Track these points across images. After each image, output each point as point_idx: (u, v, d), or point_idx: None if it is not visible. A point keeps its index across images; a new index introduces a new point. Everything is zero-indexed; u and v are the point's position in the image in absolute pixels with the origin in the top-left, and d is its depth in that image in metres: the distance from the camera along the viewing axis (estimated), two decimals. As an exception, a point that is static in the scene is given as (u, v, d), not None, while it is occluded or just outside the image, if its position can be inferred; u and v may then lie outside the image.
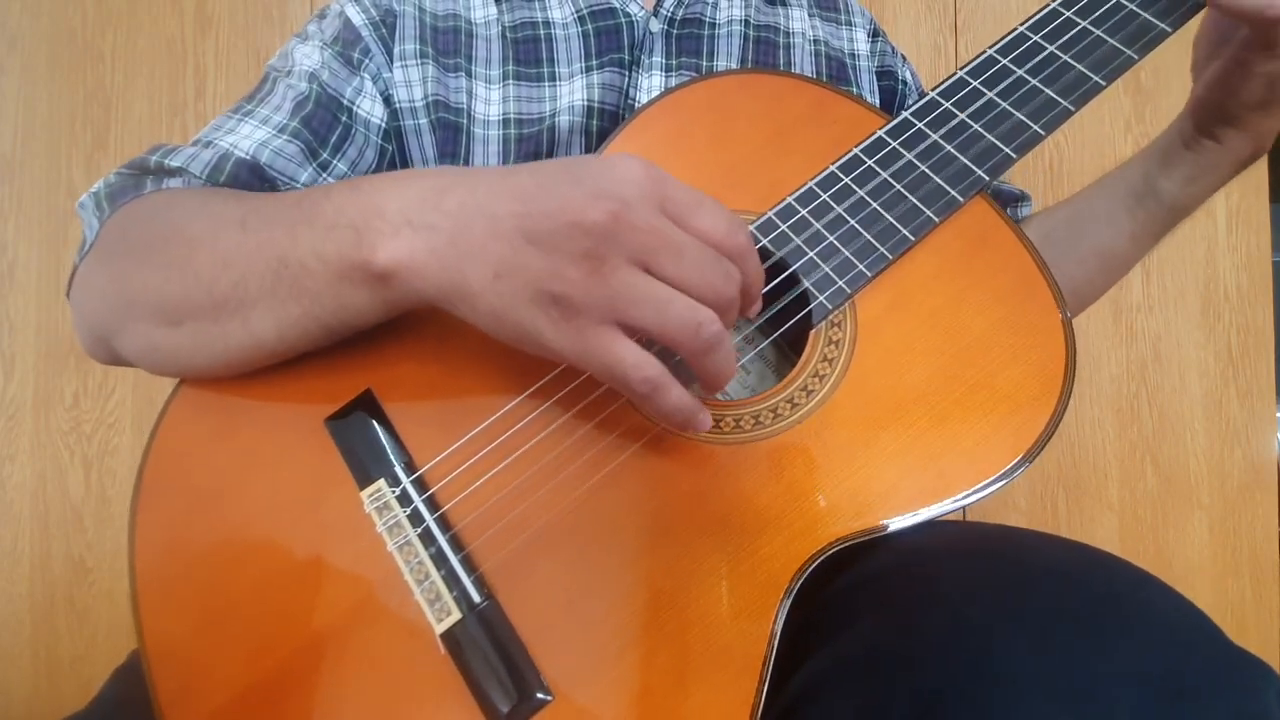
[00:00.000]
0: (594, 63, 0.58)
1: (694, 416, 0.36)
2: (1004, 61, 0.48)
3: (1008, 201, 0.66)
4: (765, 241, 0.46)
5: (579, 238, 0.33)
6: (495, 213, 0.35)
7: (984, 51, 0.49)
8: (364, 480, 0.40)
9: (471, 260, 0.35)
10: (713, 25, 0.61)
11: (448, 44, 0.57)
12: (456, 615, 0.36)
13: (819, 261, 0.45)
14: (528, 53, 0.57)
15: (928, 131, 0.47)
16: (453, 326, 0.38)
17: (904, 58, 0.70)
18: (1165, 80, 1.13)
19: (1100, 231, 0.56)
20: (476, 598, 0.37)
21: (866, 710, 0.33)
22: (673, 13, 0.60)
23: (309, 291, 0.38)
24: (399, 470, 0.40)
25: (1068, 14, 0.48)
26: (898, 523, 0.38)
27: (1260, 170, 1.13)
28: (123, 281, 0.44)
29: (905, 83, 0.67)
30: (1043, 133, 0.46)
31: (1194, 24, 0.48)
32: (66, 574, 1.02)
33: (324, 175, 0.53)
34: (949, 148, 0.47)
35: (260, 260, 0.39)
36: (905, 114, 0.48)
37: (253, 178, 0.50)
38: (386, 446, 0.40)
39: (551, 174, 0.36)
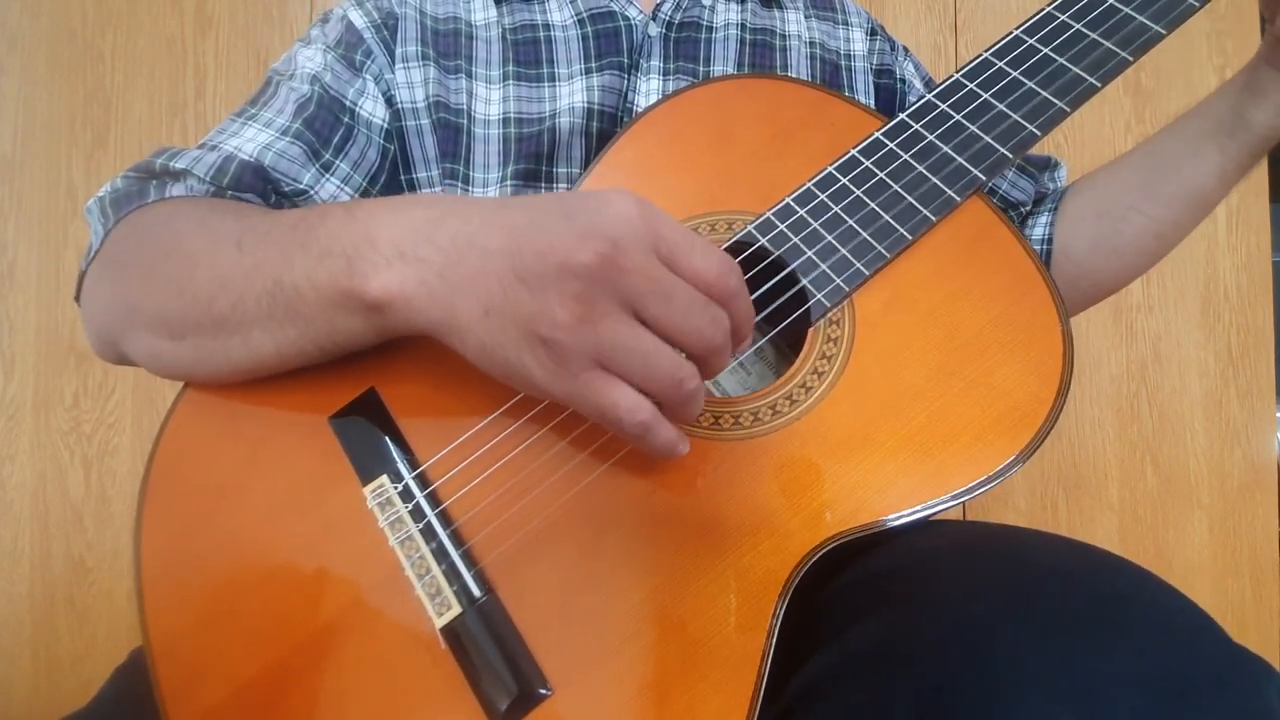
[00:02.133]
0: (593, 65, 0.58)
1: (676, 447, 0.37)
2: (1000, 64, 0.48)
3: (1041, 167, 0.65)
4: (764, 241, 0.46)
5: (568, 279, 0.33)
6: (487, 248, 0.35)
7: (980, 55, 0.49)
8: (367, 477, 0.40)
9: (462, 296, 0.35)
10: (710, 29, 0.61)
11: (448, 46, 0.57)
12: (457, 610, 0.37)
13: (817, 260, 0.45)
14: (527, 54, 0.58)
15: (924, 132, 0.48)
16: None
17: (906, 50, 0.70)
18: (1165, 81, 1.13)
19: (1188, 171, 0.55)
20: (476, 592, 0.37)
21: (868, 709, 0.33)
22: (670, 16, 0.60)
23: (303, 315, 0.39)
24: (401, 466, 0.40)
25: (1063, 17, 0.48)
26: (895, 519, 0.38)
27: (1260, 170, 1.13)
28: (126, 292, 0.45)
29: (904, 81, 0.68)
30: (1039, 133, 0.46)
31: (1188, 26, 0.48)
32: (66, 574, 1.02)
33: (327, 175, 0.54)
34: (946, 148, 0.47)
35: (257, 282, 0.39)
36: (902, 116, 0.49)
37: (256, 180, 0.51)
38: (389, 444, 0.41)
39: (544, 210, 0.35)
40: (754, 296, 0.38)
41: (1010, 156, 0.46)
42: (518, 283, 0.34)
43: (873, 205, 0.46)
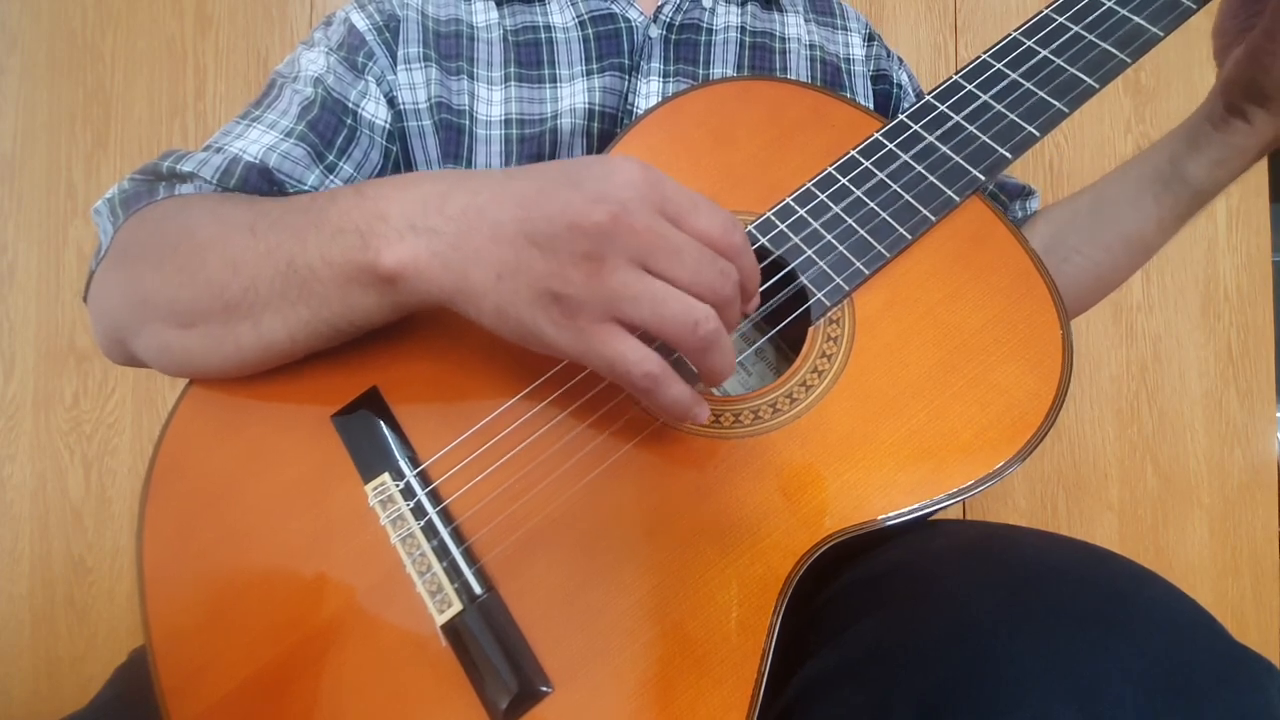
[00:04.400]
0: (594, 66, 0.58)
1: (691, 409, 0.37)
2: (998, 66, 0.49)
3: (1014, 195, 0.66)
4: (764, 240, 0.46)
5: (579, 239, 0.34)
6: (498, 217, 0.36)
7: (978, 57, 0.49)
8: (368, 474, 0.40)
9: (475, 263, 0.36)
10: (710, 31, 0.61)
11: (450, 47, 0.58)
12: (458, 607, 0.37)
13: (817, 259, 0.45)
14: (529, 55, 0.58)
15: (924, 133, 0.48)
16: (456, 325, 0.39)
17: (900, 60, 0.70)
18: (1165, 81, 1.13)
19: (1126, 217, 0.56)
20: (478, 590, 0.37)
21: (869, 710, 0.33)
22: (671, 19, 0.60)
23: (317, 294, 0.39)
24: (403, 464, 0.40)
25: (1060, 19, 0.49)
26: (895, 517, 0.38)
27: (1260, 170, 1.13)
28: (136, 285, 0.45)
29: (900, 86, 0.68)
30: (1038, 134, 0.46)
31: (1188, 26, 0.48)
32: (66, 574, 1.02)
33: (330, 177, 0.54)
34: (945, 149, 0.47)
35: (269, 264, 0.40)
36: (902, 116, 0.49)
37: (262, 181, 0.51)
38: (391, 441, 0.41)
39: (551, 177, 0.36)
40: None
41: (1010, 157, 0.46)
42: (529, 246, 0.35)
43: (872, 205, 0.46)
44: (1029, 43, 0.49)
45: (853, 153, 0.48)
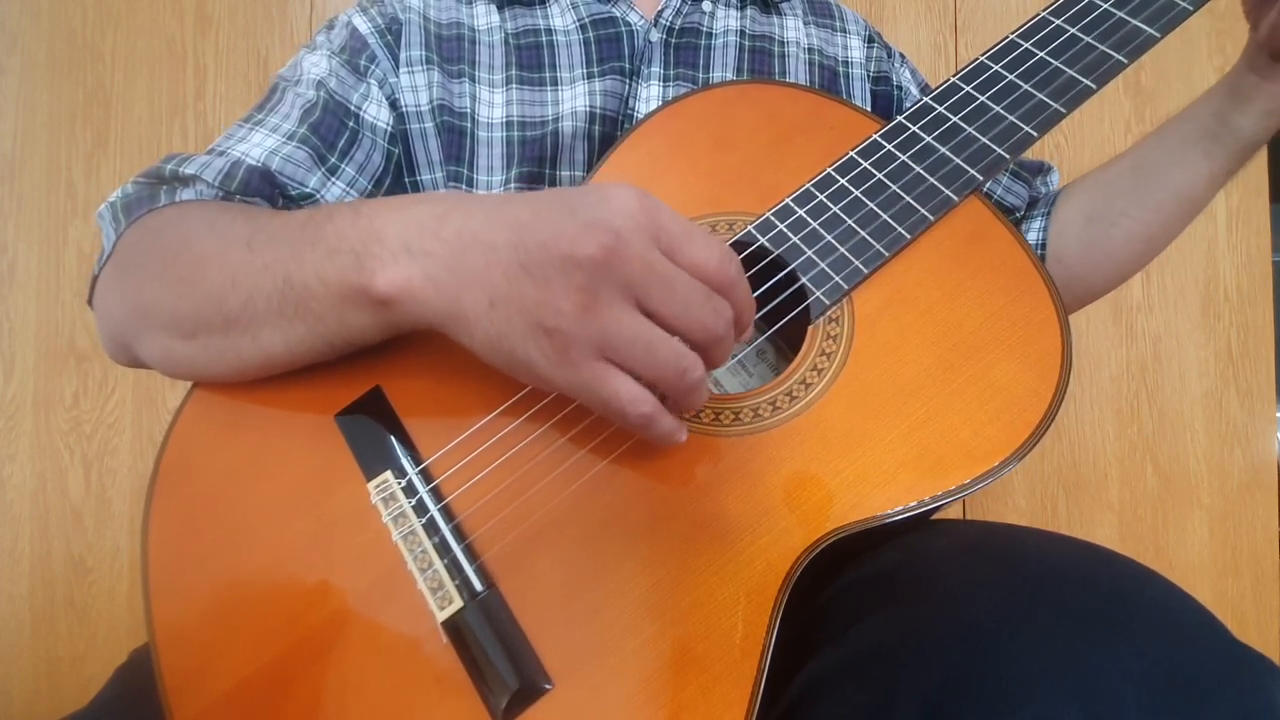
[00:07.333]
0: (595, 70, 0.59)
1: (675, 435, 0.38)
2: (996, 68, 0.49)
3: (1034, 172, 0.66)
4: (763, 240, 0.46)
5: (572, 270, 0.34)
6: (492, 241, 0.35)
7: (976, 59, 0.49)
8: (371, 473, 0.40)
9: (467, 288, 0.36)
10: (709, 35, 0.62)
11: (452, 50, 0.58)
12: (458, 604, 0.37)
13: (816, 259, 0.45)
14: (530, 57, 0.58)
15: (922, 134, 0.48)
16: None
17: (903, 56, 0.70)
18: (1165, 81, 1.13)
19: (1175, 176, 0.56)
20: (478, 586, 0.37)
21: (871, 709, 0.33)
22: (671, 23, 0.60)
23: (313, 312, 0.39)
24: (405, 463, 0.40)
25: (1057, 22, 0.49)
26: (894, 514, 0.38)
27: (1260, 170, 1.13)
28: (138, 295, 0.45)
29: (901, 87, 0.68)
30: (1035, 134, 0.46)
31: (1186, 26, 0.48)
32: (66, 574, 1.02)
33: (332, 179, 0.54)
34: (943, 149, 0.47)
35: (267, 280, 0.40)
36: (900, 118, 0.49)
37: (264, 184, 0.51)
38: (393, 440, 0.41)
39: (547, 203, 0.36)
40: (754, 295, 0.39)
41: (1007, 157, 0.46)
42: (522, 274, 0.34)
43: (871, 205, 0.46)
44: (1026, 45, 0.49)
45: (851, 154, 0.48)
